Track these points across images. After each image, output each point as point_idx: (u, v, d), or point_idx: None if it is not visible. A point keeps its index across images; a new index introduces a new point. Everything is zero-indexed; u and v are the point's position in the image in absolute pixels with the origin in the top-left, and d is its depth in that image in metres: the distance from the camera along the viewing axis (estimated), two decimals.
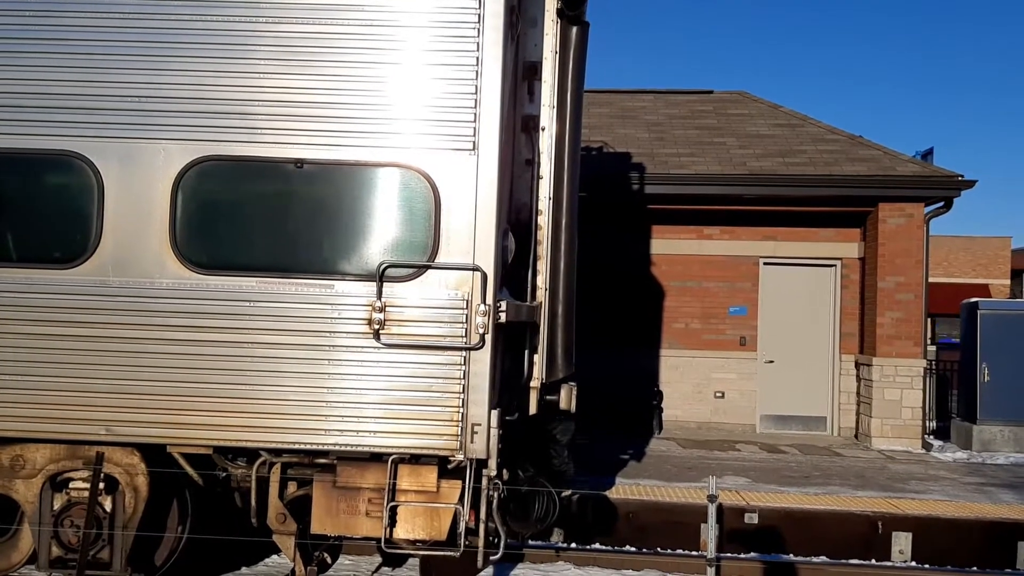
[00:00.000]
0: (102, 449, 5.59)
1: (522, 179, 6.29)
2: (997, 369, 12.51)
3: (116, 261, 5.47)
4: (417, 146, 5.40)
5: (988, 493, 9.53)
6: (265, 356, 5.37)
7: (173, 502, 5.98)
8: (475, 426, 5.31)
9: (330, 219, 5.46)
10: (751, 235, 13.87)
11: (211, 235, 5.51)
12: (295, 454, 5.60)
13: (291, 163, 5.43)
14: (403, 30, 5.45)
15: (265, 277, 5.41)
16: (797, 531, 8.25)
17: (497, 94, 5.39)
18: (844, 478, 10.08)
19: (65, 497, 5.71)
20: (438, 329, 5.34)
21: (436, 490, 5.44)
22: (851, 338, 13.63)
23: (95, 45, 5.54)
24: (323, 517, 5.51)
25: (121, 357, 5.42)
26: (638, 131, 14.73)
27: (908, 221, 12.83)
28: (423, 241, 5.39)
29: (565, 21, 6.20)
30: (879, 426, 12.66)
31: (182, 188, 5.46)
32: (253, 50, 5.48)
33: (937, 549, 8.12)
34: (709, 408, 13.82)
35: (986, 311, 12.77)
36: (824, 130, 14.50)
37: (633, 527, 8.40)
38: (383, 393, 5.34)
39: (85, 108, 5.51)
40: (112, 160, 5.49)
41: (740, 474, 10.03)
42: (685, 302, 13.96)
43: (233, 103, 5.46)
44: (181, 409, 5.40)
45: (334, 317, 5.37)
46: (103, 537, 5.66)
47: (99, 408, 5.43)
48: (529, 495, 6.10)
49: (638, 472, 10.04)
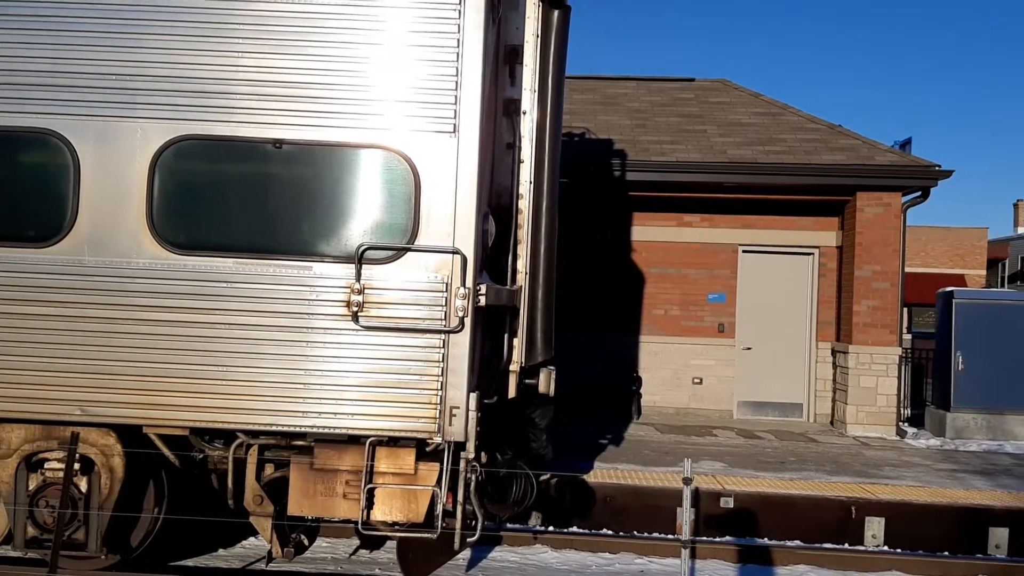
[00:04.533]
0: (77, 429, 5.55)
1: (503, 163, 6.27)
2: (971, 358, 12.65)
3: (92, 240, 5.42)
4: (397, 128, 5.37)
5: (960, 479, 9.66)
6: (243, 338, 5.35)
7: (150, 483, 5.97)
8: (453, 409, 5.32)
9: (309, 200, 5.43)
10: (731, 223, 13.94)
11: (189, 215, 5.47)
12: (272, 436, 5.59)
13: (270, 143, 5.39)
14: (384, 10, 5.42)
15: (243, 258, 5.38)
16: (772, 515, 8.33)
17: (478, 77, 5.38)
18: (819, 464, 10.18)
19: (40, 477, 5.68)
20: (417, 312, 5.34)
21: (414, 472, 5.45)
22: (828, 326, 13.75)
23: (71, 22, 5.47)
24: (300, 499, 5.50)
25: (97, 337, 5.38)
26: (620, 118, 14.73)
27: (886, 210, 12.93)
28: (403, 223, 5.38)
29: (547, 5, 6.18)
30: (854, 413, 12.78)
31: (159, 167, 5.41)
32: (233, 28, 5.43)
33: (909, 534, 8.23)
34: (687, 394, 13.90)
35: (961, 301, 12.90)
36: (804, 119, 14.56)
37: (611, 510, 8.46)
38: (361, 375, 5.33)
39: (61, 86, 5.45)
40: (88, 138, 5.43)
41: (717, 459, 10.11)
42: (665, 288, 14.02)
43: (212, 82, 5.41)
44: (157, 390, 5.37)
45: (312, 299, 5.35)
46: (79, 518, 5.64)
47: (74, 388, 5.39)
48: (507, 478, 6.12)
49: (616, 456, 10.10)
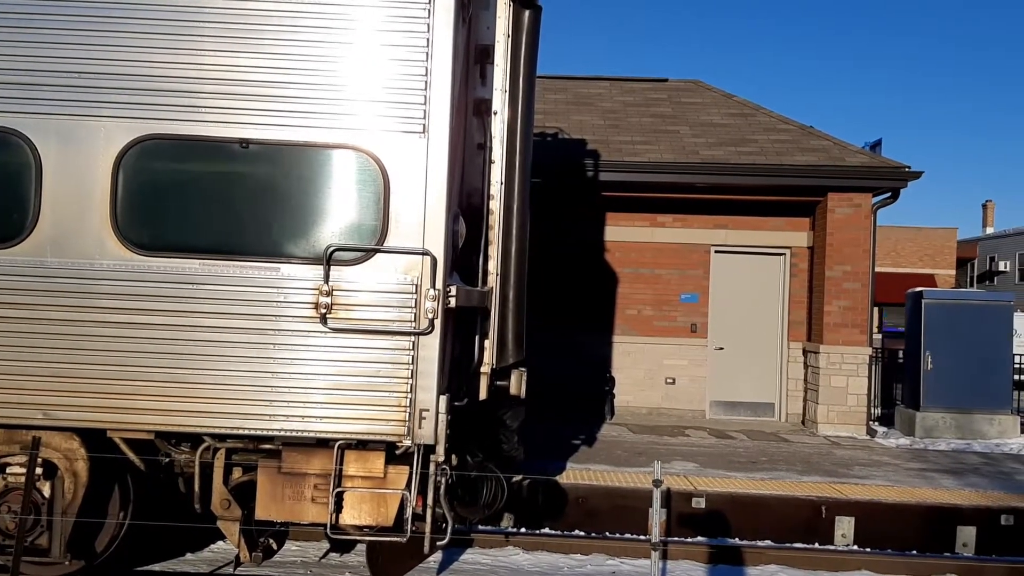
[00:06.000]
0: (39, 434, 5.46)
1: (474, 163, 6.24)
2: (940, 357, 12.77)
3: (54, 241, 5.33)
4: (366, 128, 5.33)
5: (929, 478, 9.74)
6: (208, 340, 5.28)
7: (115, 487, 5.88)
8: (423, 412, 5.28)
9: (276, 200, 5.36)
10: (703, 223, 13.99)
11: (153, 215, 5.38)
12: (239, 439, 5.52)
13: (236, 143, 5.33)
14: (353, 9, 5.37)
15: (209, 259, 5.31)
16: (743, 515, 8.36)
17: (448, 77, 5.34)
18: (790, 463, 10.23)
19: (2, 482, 5.59)
20: (386, 314, 5.29)
21: (383, 476, 5.41)
22: (799, 326, 13.83)
23: (32, 19, 5.37)
24: (268, 503, 5.45)
25: (59, 339, 5.29)
26: (593, 118, 14.74)
27: (856, 211, 13.03)
28: (372, 224, 5.33)
29: (517, 4, 6.15)
30: (825, 412, 12.87)
31: (123, 167, 5.33)
32: (198, 26, 5.36)
33: (879, 533, 8.29)
34: (660, 394, 13.94)
35: (930, 301, 13.01)
36: (776, 120, 14.64)
37: (583, 512, 8.45)
38: (330, 378, 5.28)
39: (22, 83, 5.35)
40: (50, 137, 5.34)
41: (689, 459, 10.13)
42: (638, 289, 14.05)
43: (177, 80, 5.33)
44: (121, 393, 5.28)
45: (280, 301, 5.29)
46: (41, 523, 5.55)
47: (36, 392, 5.30)
48: (478, 480, 6.09)
49: (589, 457, 10.09)
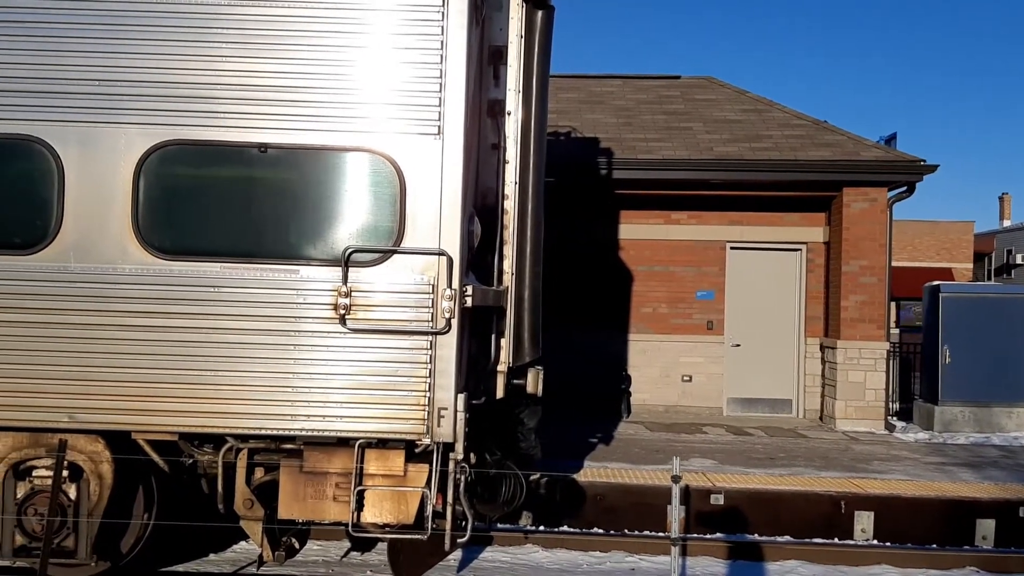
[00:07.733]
0: (65, 436, 5.54)
1: (488, 164, 6.28)
2: (958, 351, 12.72)
3: (77, 247, 5.41)
4: (382, 130, 5.38)
5: (948, 472, 9.71)
6: (230, 342, 5.35)
7: (139, 489, 5.96)
8: (442, 410, 5.33)
9: (294, 204, 5.43)
10: (718, 220, 13.97)
11: (174, 220, 5.46)
12: (261, 439, 5.59)
13: (255, 147, 5.39)
14: (368, 13, 5.42)
15: (229, 262, 5.38)
16: (762, 511, 8.37)
17: (462, 78, 5.39)
18: (808, 459, 10.22)
19: (29, 485, 5.66)
20: (404, 314, 5.35)
21: (403, 474, 5.46)
22: (816, 321, 13.79)
23: (54, 28, 5.45)
24: (290, 502, 5.51)
25: (83, 343, 5.37)
26: (606, 116, 14.75)
27: (872, 205, 12.99)
28: (388, 226, 5.39)
29: (530, 5, 6.18)
30: (843, 408, 12.84)
31: (144, 173, 5.40)
32: (217, 32, 5.43)
33: (898, 527, 8.29)
34: (677, 391, 13.94)
35: (947, 294, 12.97)
36: (790, 115, 14.60)
37: (601, 509, 8.49)
38: (349, 378, 5.34)
39: (44, 92, 5.43)
40: (72, 144, 5.42)
41: (707, 456, 10.14)
42: (653, 287, 14.05)
43: (196, 86, 5.41)
44: (145, 395, 5.36)
45: (299, 302, 5.36)
46: (68, 525, 5.62)
47: (61, 395, 5.38)
48: (496, 478, 6.13)
49: (606, 455, 10.12)
